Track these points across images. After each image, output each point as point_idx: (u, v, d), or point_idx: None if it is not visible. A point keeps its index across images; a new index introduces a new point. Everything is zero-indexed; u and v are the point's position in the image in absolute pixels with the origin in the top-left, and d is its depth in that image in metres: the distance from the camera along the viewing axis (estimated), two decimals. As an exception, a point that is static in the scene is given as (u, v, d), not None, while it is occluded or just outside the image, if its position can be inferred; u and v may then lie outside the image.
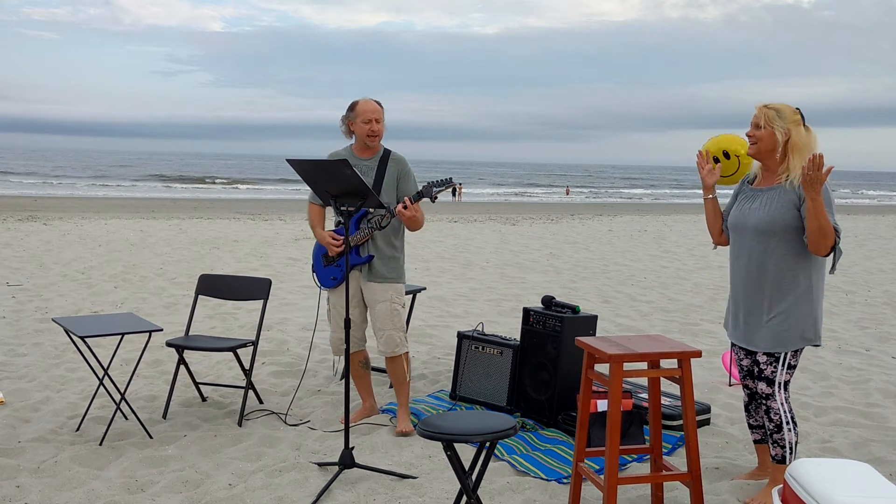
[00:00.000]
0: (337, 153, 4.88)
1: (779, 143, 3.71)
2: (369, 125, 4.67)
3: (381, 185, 4.72)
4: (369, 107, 4.70)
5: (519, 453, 4.40)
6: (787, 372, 3.76)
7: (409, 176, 4.80)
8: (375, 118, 4.68)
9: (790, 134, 3.69)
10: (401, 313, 4.78)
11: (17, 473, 4.01)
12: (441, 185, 4.58)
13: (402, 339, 4.78)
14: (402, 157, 4.84)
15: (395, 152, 4.83)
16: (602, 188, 64.58)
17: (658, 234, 19.34)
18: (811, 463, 2.92)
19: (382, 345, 4.75)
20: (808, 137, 3.71)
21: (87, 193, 37.30)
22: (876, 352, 7.07)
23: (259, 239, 15.50)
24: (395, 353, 4.76)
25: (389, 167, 4.76)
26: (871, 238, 19.07)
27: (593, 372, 3.59)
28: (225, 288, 5.35)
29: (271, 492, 3.86)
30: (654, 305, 9.24)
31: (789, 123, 3.70)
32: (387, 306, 4.72)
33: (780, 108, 3.71)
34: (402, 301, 4.81)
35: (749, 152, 3.84)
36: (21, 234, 14.97)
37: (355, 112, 4.71)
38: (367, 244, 4.70)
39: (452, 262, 12.68)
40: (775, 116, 3.70)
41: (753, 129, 3.77)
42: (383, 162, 4.77)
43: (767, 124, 3.71)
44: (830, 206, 3.61)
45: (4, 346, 6.58)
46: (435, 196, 4.55)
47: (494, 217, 24.32)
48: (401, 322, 4.77)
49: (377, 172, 4.73)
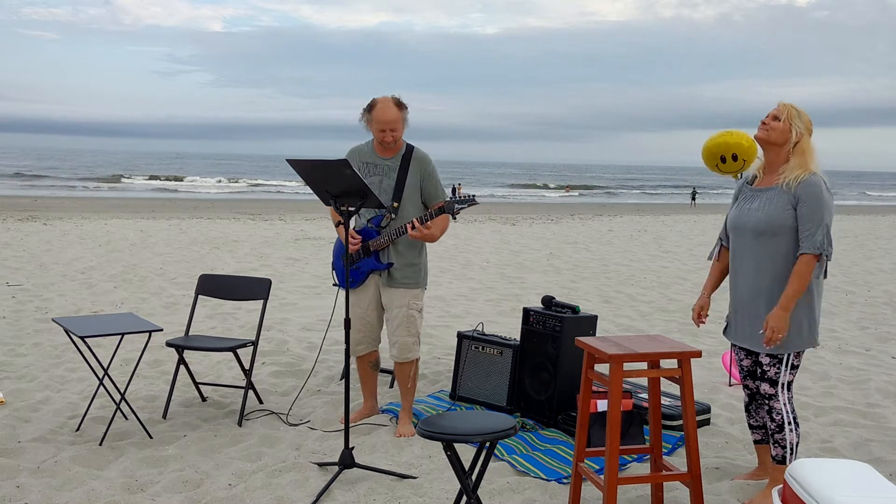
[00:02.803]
0: (358, 148, 4.73)
1: (790, 142, 3.76)
2: (383, 134, 4.50)
3: (404, 187, 4.56)
4: (384, 116, 4.46)
5: (519, 453, 4.40)
6: (791, 372, 3.76)
7: (433, 178, 4.63)
8: (390, 128, 4.47)
9: (802, 138, 3.76)
10: (416, 319, 4.71)
11: (17, 473, 4.01)
12: (464, 203, 4.36)
13: (415, 346, 4.74)
14: (426, 155, 4.64)
15: (418, 150, 4.63)
16: (604, 188, 64.53)
17: (658, 234, 19.34)
18: (811, 463, 2.92)
19: (396, 350, 4.72)
20: (812, 150, 3.78)
21: (87, 194, 37.29)
22: (876, 352, 7.07)
23: (259, 239, 15.50)
24: (407, 359, 4.75)
25: (412, 167, 4.59)
26: (871, 238, 19.07)
27: (593, 372, 3.59)
28: (225, 288, 5.35)
29: (271, 492, 3.86)
30: (654, 305, 9.24)
31: (804, 129, 3.78)
32: (403, 312, 4.66)
33: (802, 111, 3.81)
34: (420, 306, 4.73)
35: (758, 135, 3.87)
36: (21, 234, 14.97)
37: (371, 115, 4.51)
38: (388, 250, 4.61)
39: (452, 262, 12.68)
40: (796, 115, 3.79)
41: (771, 119, 3.81)
42: (405, 162, 4.59)
43: (787, 120, 3.78)
44: (819, 215, 3.65)
45: (4, 346, 6.58)
46: (457, 212, 4.35)
47: (494, 217, 24.32)
48: (416, 328, 4.72)
49: (399, 173, 4.58)
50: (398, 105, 4.53)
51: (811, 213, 3.64)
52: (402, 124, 4.55)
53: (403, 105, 4.56)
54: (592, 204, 38.67)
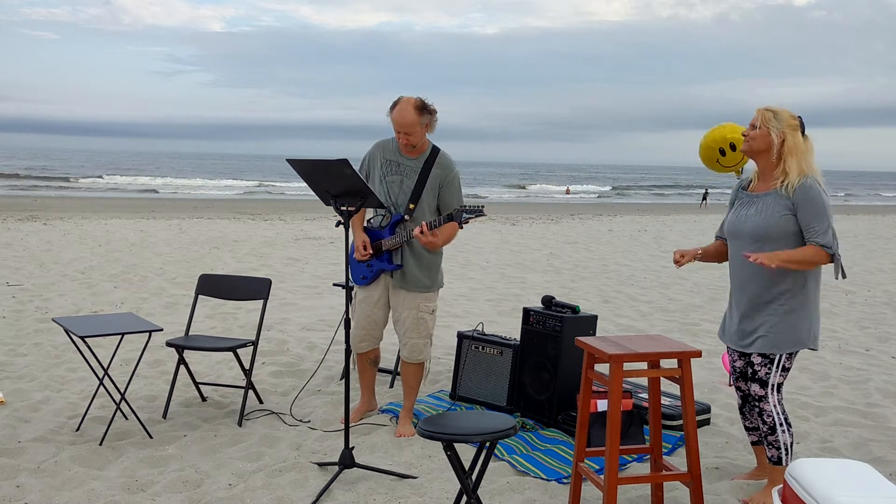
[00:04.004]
0: (384, 144, 4.65)
1: (773, 145, 3.73)
2: (399, 136, 4.45)
3: (423, 190, 4.52)
4: (400, 119, 4.38)
5: (519, 453, 4.40)
6: (781, 374, 3.77)
7: (453, 185, 4.56)
8: (405, 132, 4.41)
9: (785, 137, 3.72)
10: (427, 321, 4.68)
11: (17, 473, 4.01)
12: (472, 213, 4.28)
13: (427, 347, 4.73)
14: (450, 161, 4.56)
15: (443, 155, 4.56)
16: (615, 190, 64.26)
17: (658, 234, 19.34)
18: (811, 463, 2.92)
19: (406, 351, 4.71)
20: (804, 145, 3.74)
21: (87, 194, 37.30)
22: (876, 352, 7.08)
23: (259, 239, 15.49)
24: (418, 360, 4.74)
25: (434, 172, 4.53)
26: (871, 238, 19.07)
27: (593, 372, 3.59)
28: (225, 288, 5.35)
29: (271, 492, 3.86)
30: (654, 305, 9.24)
31: (785, 127, 3.73)
32: (413, 314, 4.64)
33: (779, 111, 3.75)
34: (432, 308, 4.69)
35: (742, 149, 3.90)
36: (21, 234, 14.97)
37: (392, 117, 4.44)
38: (400, 251, 4.58)
39: (452, 262, 12.67)
40: (772, 118, 3.74)
41: (749, 129, 3.82)
42: (428, 165, 4.53)
43: (763, 125, 3.75)
44: (823, 215, 3.65)
45: (4, 346, 6.58)
46: (464, 222, 4.28)
47: (494, 217, 24.31)
48: (427, 330, 4.70)
49: (420, 175, 4.53)
50: (419, 109, 4.40)
51: (815, 215, 3.64)
52: (422, 128, 4.45)
53: (427, 109, 4.44)
54: (592, 204, 38.67)
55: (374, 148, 4.71)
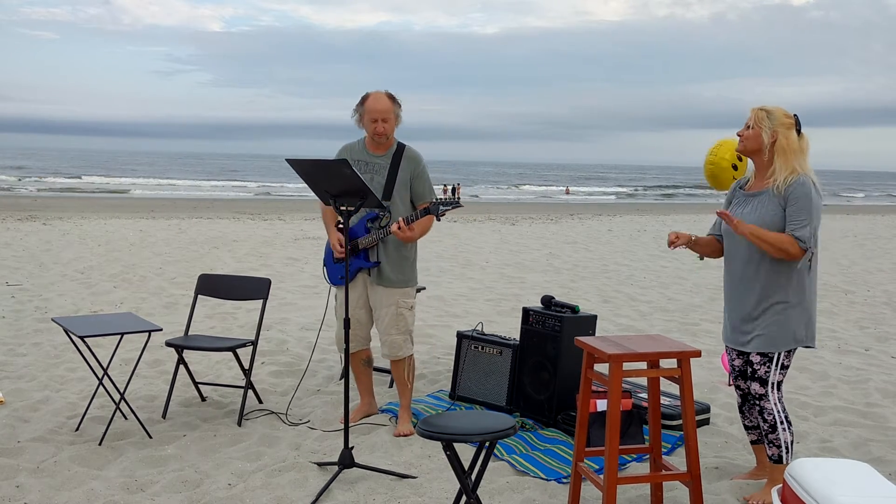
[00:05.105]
0: (350, 146, 4.74)
1: (764, 145, 3.74)
2: (375, 125, 4.50)
3: (394, 185, 4.56)
4: (377, 105, 4.49)
5: (518, 453, 4.40)
6: (780, 372, 3.77)
7: (423, 177, 4.63)
8: (382, 118, 4.49)
9: (777, 136, 3.72)
10: (406, 317, 4.70)
11: (16, 473, 4.01)
12: (448, 205, 4.33)
13: (406, 343, 4.74)
14: (418, 154, 4.66)
15: (409, 148, 4.65)
16: (605, 187, 64.08)
17: (658, 234, 19.33)
18: (811, 463, 2.93)
19: (386, 348, 4.73)
20: (798, 143, 3.73)
21: (86, 194, 37.28)
22: (875, 352, 7.08)
23: (259, 239, 15.49)
24: (398, 357, 4.74)
25: (403, 166, 4.60)
26: (870, 238, 19.06)
27: (593, 372, 3.59)
28: (224, 288, 5.35)
29: (271, 491, 3.86)
30: (654, 305, 9.24)
31: (778, 126, 3.73)
32: (392, 311, 4.67)
33: (772, 110, 3.76)
34: (410, 304, 4.73)
35: (737, 149, 3.92)
36: (21, 234, 14.97)
37: (364, 107, 4.52)
38: (377, 248, 4.61)
39: (452, 262, 12.67)
40: (764, 118, 3.75)
41: (744, 129, 3.84)
42: (396, 159, 4.60)
43: (756, 125, 3.76)
44: (808, 211, 3.64)
45: (4, 346, 6.58)
46: (441, 214, 4.33)
47: (494, 217, 24.31)
48: (406, 326, 4.71)
49: (389, 171, 4.58)
50: (390, 97, 4.56)
51: (799, 211, 3.64)
52: (395, 118, 4.57)
53: (396, 100, 4.59)
54: (592, 204, 38.67)
55: (340, 152, 4.77)
